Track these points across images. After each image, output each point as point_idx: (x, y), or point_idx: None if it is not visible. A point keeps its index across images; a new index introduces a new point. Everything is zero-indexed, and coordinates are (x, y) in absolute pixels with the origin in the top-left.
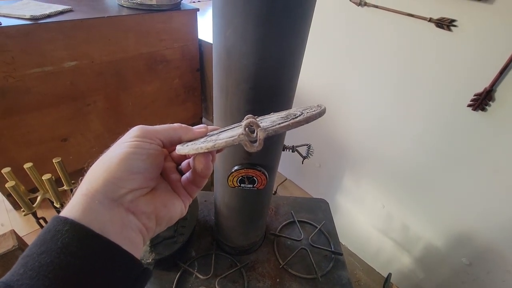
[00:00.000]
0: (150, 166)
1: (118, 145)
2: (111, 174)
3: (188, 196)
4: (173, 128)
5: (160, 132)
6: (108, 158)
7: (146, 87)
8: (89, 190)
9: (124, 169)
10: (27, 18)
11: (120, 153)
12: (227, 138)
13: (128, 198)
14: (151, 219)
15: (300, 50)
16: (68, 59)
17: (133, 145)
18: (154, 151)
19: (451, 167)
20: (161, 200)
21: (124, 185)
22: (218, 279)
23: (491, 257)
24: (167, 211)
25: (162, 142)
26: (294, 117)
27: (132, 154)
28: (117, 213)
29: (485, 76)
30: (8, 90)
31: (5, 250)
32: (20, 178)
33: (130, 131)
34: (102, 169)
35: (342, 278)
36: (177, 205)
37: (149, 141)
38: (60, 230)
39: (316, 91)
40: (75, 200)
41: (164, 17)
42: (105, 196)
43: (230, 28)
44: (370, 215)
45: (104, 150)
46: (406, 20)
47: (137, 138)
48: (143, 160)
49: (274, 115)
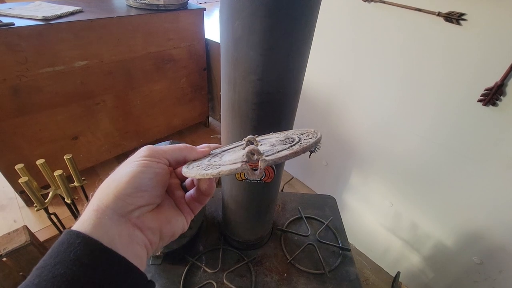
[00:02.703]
0: (157, 184)
1: (127, 164)
2: (120, 191)
3: (190, 213)
4: (179, 149)
5: (167, 152)
6: (118, 176)
7: (154, 86)
8: (100, 206)
9: (132, 187)
10: (39, 19)
11: (130, 171)
12: (230, 165)
13: (135, 214)
14: (155, 234)
15: (308, 41)
16: (78, 58)
17: (141, 164)
18: (160, 170)
19: (461, 163)
20: (165, 216)
21: (132, 201)
22: (226, 273)
23: (503, 256)
24: (171, 227)
25: (168, 162)
26: (292, 144)
27: (141, 173)
28: (125, 228)
29: (496, 70)
30: (21, 89)
31: (18, 245)
32: (33, 175)
33: (139, 151)
34: (112, 186)
35: (350, 274)
36: (180, 221)
37: (156, 160)
38: (73, 243)
39: (322, 88)
40: (86, 215)
41: (172, 17)
42: (114, 212)
43: (238, 19)
44: (378, 213)
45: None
46: (414, 15)
47: (146, 157)
48: (150, 178)
49: (274, 136)
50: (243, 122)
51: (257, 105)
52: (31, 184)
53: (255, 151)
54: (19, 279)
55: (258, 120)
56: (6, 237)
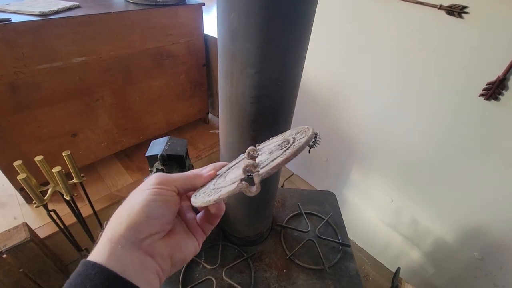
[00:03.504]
0: (167, 211)
1: (139, 192)
2: (132, 220)
3: (202, 234)
4: (187, 177)
5: (176, 181)
6: (130, 205)
7: (153, 82)
8: (113, 235)
9: (143, 216)
10: (36, 15)
11: (141, 200)
12: (229, 185)
13: (147, 242)
14: (166, 261)
15: (306, 33)
16: (76, 54)
17: (152, 192)
18: (170, 198)
19: (462, 159)
20: (176, 242)
21: (143, 230)
22: (225, 269)
23: (504, 252)
24: (181, 253)
25: (177, 189)
26: (286, 147)
27: (151, 201)
28: (137, 256)
29: (498, 64)
30: (19, 86)
31: (18, 242)
32: (32, 172)
33: (149, 179)
34: (124, 215)
35: (350, 269)
36: (191, 245)
37: (166, 188)
38: (89, 274)
39: (322, 82)
40: (101, 244)
41: (170, 12)
42: (127, 241)
43: (234, 10)
44: (378, 209)
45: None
46: (415, 8)
47: (156, 185)
48: (160, 206)
49: (273, 141)
50: (241, 116)
51: (255, 99)
52: (29, 181)
53: (250, 166)
54: (19, 275)
55: (256, 114)
56: (6, 234)
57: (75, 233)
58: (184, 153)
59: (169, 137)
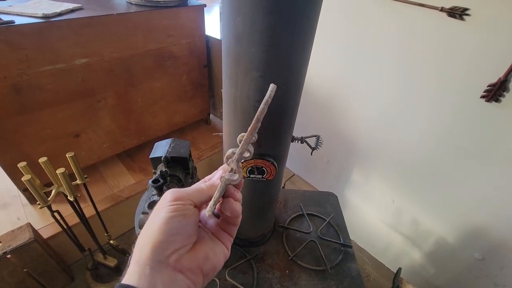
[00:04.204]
0: (187, 225)
1: (157, 212)
2: (156, 239)
3: (228, 237)
4: (202, 191)
5: (192, 195)
6: (151, 225)
7: (155, 84)
8: (141, 257)
9: (166, 233)
10: (39, 17)
11: (161, 219)
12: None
13: (173, 258)
14: (197, 274)
15: (310, 37)
16: (79, 56)
17: (169, 209)
18: (188, 211)
19: (463, 160)
20: (203, 253)
21: (168, 247)
22: (228, 269)
23: (505, 252)
24: (210, 262)
25: (194, 203)
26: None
27: (170, 218)
28: (166, 274)
29: (499, 66)
30: (22, 88)
31: (22, 242)
32: (35, 173)
33: (164, 196)
34: (148, 236)
35: (351, 270)
36: (219, 252)
37: (183, 203)
38: None
39: (324, 83)
40: (131, 268)
41: (172, 14)
42: (154, 261)
43: (239, 16)
44: (379, 210)
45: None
46: (417, 10)
47: (172, 202)
48: (180, 221)
49: None
50: (245, 119)
51: (259, 102)
52: (34, 182)
53: (229, 156)
54: (23, 275)
55: None
56: (10, 235)
57: (78, 234)
58: (188, 155)
59: (173, 139)
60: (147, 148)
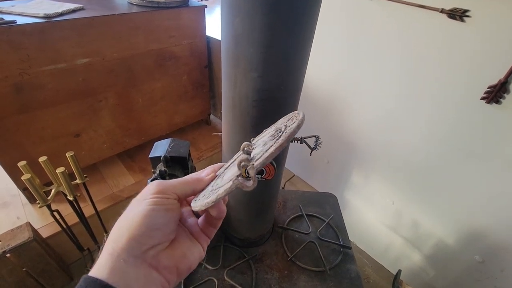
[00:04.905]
0: (169, 221)
1: (138, 203)
2: (134, 232)
3: (206, 238)
4: (187, 183)
5: (176, 187)
6: (130, 216)
7: (156, 84)
8: (115, 249)
9: (145, 227)
10: (41, 17)
11: (141, 210)
12: (226, 184)
13: (150, 254)
14: (172, 272)
15: (309, 39)
16: (80, 56)
17: (152, 202)
18: (172, 206)
19: (463, 162)
20: (180, 251)
21: (146, 241)
22: (227, 270)
23: (505, 255)
24: (187, 261)
25: (177, 196)
26: (279, 136)
27: (152, 211)
28: (141, 270)
29: (500, 67)
30: (23, 87)
31: (21, 241)
32: (35, 172)
33: (148, 187)
34: (125, 227)
35: (350, 271)
36: (196, 252)
37: (166, 196)
38: None
39: (323, 85)
40: (102, 259)
41: (173, 14)
42: (129, 254)
43: (238, 16)
44: (379, 211)
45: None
46: (417, 12)
47: (156, 194)
48: (162, 216)
49: (266, 133)
50: (244, 119)
51: (258, 102)
52: (33, 181)
53: (244, 161)
54: (22, 274)
55: (258, 117)
56: (9, 234)
57: (78, 233)
58: (187, 155)
59: (172, 138)
60: (148, 148)
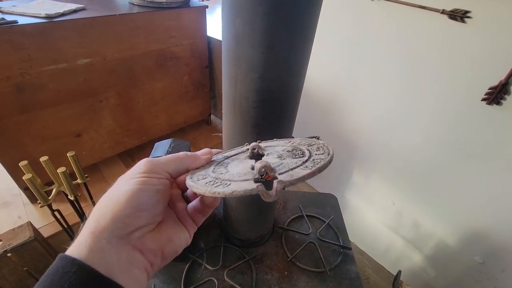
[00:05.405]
0: (157, 202)
1: (125, 181)
2: (119, 212)
3: (193, 225)
4: (180, 159)
5: (168, 165)
6: (116, 195)
7: (156, 84)
8: (97, 227)
9: (131, 207)
10: (42, 17)
11: (128, 190)
12: (242, 182)
13: (135, 236)
14: (157, 255)
15: (309, 40)
16: (81, 56)
17: (140, 181)
18: (161, 187)
19: (464, 162)
20: (167, 234)
21: (132, 222)
22: (227, 270)
23: (506, 256)
24: (173, 245)
25: (169, 175)
26: (303, 160)
27: (140, 191)
28: (124, 252)
29: (501, 68)
30: (24, 87)
31: (22, 241)
32: (36, 172)
33: (137, 165)
34: (109, 206)
35: (350, 272)
36: (182, 237)
37: (157, 176)
38: (68, 271)
39: (324, 85)
40: (83, 237)
41: (174, 14)
42: (113, 234)
43: (238, 17)
44: (380, 212)
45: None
46: (418, 13)
47: (145, 174)
48: (150, 197)
49: (279, 144)
50: (244, 120)
51: (258, 103)
52: (34, 181)
53: (267, 168)
54: (23, 274)
55: (259, 118)
56: (10, 233)
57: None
58: None
59: (173, 139)
60: (148, 148)
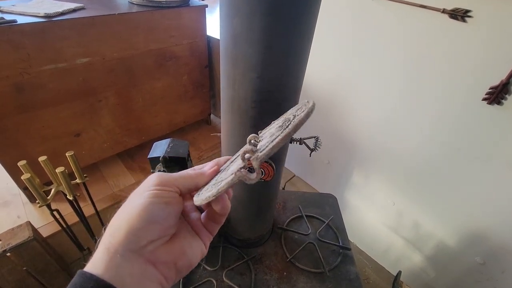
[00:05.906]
0: (169, 215)
1: (138, 195)
2: (132, 225)
3: (209, 235)
4: (190, 177)
5: (178, 181)
6: (129, 209)
7: (156, 84)
8: (112, 243)
9: (144, 220)
10: (41, 16)
11: (140, 203)
12: (228, 177)
13: (148, 249)
14: (170, 269)
15: (308, 39)
16: (80, 55)
17: (152, 194)
18: (172, 199)
19: (464, 162)
20: (180, 247)
21: (144, 235)
22: (226, 271)
23: (506, 256)
24: (186, 258)
25: (179, 190)
26: (287, 126)
27: (152, 204)
28: (137, 266)
29: (502, 68)
30: (23, 86)
31: (21, 240)
32: (35, 171)
33: (149, 179)
34: (123, 220)
35: (350, 273)
36: (197, 248)
37: (167, 189)
38: (86, 287)
39: (324, 85)
40: (99, 254)
41: (173, 14)
42: (126, 248)
43: (236, 16)
44: (380, 212)
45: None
46: (418, 12)
47: (156, 187)
48: (162, 209)
49: (274, 125)
50: (243, 120)
51: (257, 103)
52: (33, 181)
53: (248, 152)
54: (22, 273)
55: (257, 117)
56: (10, 233)
57: (78, 233)
58: (186, 155)
59: (171, 139)
60: (148, 148)
